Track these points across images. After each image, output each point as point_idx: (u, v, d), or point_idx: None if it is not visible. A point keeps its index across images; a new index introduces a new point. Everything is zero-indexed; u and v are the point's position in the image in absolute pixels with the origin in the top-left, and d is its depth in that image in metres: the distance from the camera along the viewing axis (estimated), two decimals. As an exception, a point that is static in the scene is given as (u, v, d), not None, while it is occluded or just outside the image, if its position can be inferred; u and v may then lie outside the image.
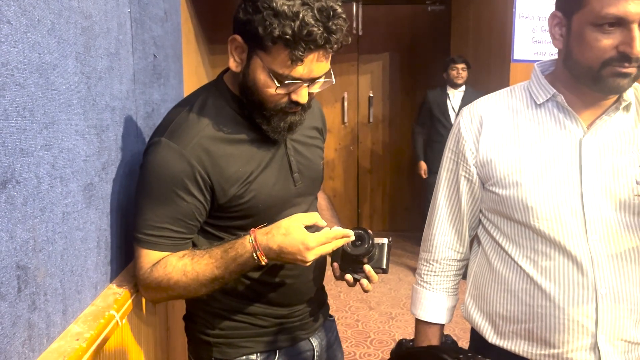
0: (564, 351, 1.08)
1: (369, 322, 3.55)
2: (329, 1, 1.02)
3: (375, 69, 5.55)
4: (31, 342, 0.83)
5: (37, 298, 0.85)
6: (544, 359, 1.11)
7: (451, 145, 1.22)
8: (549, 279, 1.08)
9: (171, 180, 1.09)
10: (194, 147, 1.09)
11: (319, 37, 1.00)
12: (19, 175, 0.79)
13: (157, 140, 1.11)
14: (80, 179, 1.02)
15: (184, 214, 1.11)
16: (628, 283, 1.06)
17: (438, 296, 1.26)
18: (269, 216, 1.18)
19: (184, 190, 1.09)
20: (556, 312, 1.07)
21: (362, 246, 1.17)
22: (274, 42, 1.01)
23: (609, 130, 1.09)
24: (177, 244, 1.13)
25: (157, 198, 1.10)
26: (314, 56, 1.03)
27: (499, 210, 1.15)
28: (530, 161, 1.10)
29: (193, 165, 1.09)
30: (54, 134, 0.91)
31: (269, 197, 1.18)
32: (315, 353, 1.35)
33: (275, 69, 1.04)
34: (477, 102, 1.21)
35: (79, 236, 1.02)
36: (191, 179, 1.09)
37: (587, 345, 1.07)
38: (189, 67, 3.57)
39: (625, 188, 1.06)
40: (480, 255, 1.23)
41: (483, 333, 1.19)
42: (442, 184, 1.24)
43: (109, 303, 1.09)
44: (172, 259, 1.11)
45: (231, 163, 1.13)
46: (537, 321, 1.10)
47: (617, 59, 0.98)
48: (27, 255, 0.82)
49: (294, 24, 0.98)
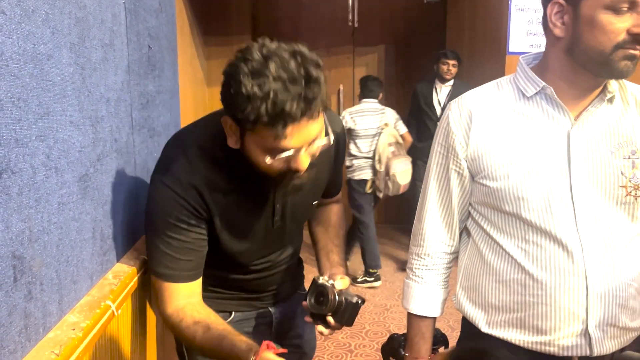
0: (555, 338, 1.10)
1: (364, 314, 3.57)
2: (302, 67, 0.98)
3: (371, 61, 5.55)
4: (27, 331, 0.84)
5: (33, 288, 0.85)
6: (536, 346, 1.12)
7: (440, 139, 1.23)
8: (540, 267, 1.09)
9: (173, 218, 1.14)
10: (191, 191, 1.14)
11: (294, 110, 0.96)
12: (14, 166, 0.79)
13: (157, 183, 1.15)
14: (76, 170, 1.02)
15: (189, 247, 1.17)
16: (617, 270, 1.08)
17: (430, 290, 1.27)
18: (239, 254, 1.27)
19: (186, 223, 1.15)
20: (548, 300, 1.09)
21: (324, 303, 1.22)
22: (254, 124, 0.98)
23: (596, 121, 1.11)
24: (192, 273, 1.20)
25: (162, 235, 1.16)
26: (298, 126, 0.99)
27: (489, 202, 1.16)
28: (520, 153, 1.11)
29: (194, 205, 1.15)
30: (49, 125, 0.91)
31: (245, 242, 1.26)
32: (273, 320, 1.43)
33: (264, 145, 1.03)
34: (465, 96, 1.21)
35: (75, 227, 1.02)
36: (194, 215, 1.16)
37: (578, 332, 1.09)
38: (183, 58, 3.56)
39: (611, 178, 1.09)
40: (471, 246, 1.24)
41: (475, 323, 1.20)
42: (432, 178, 1.25)
43: (104, 293, 1.09)
44: (186, 318, 1.17)
45: (219, 212, 1.18)
46: (529, 309, 1.11)
47: (629, 41, 1.00)
48: (23, 245, 0.82)
49: (266, 104, 0.95)
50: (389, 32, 5.45)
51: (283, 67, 0.96)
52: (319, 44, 5.45)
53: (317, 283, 1.24)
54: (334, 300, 1.21)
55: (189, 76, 4.05)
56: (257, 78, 0.95)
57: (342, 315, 1.21)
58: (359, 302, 1.22)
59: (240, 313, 1.38)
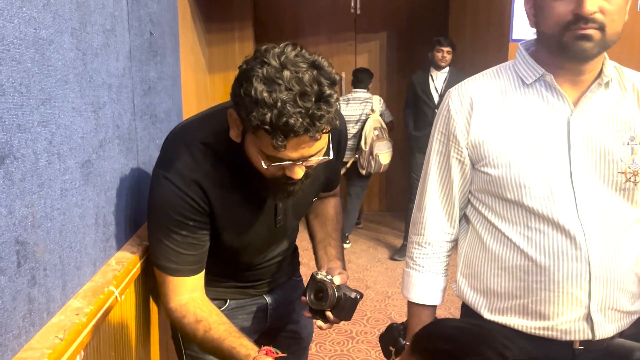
0: (558, 322, 1.11)
1: (366, 301, 3.59)
2: (316, 82, 0.96)
3: (373, 48, 5.52)
4: (31, 316, 0.84)
5: (37, 273, 0.86)
6: (538, 332, 1.13)
7: (440, 127, 1.22)
8: (542, 253, 1.10)
9: (176, 214, 1.14)
10: (193, 187, 1.14)
11: (298, 126, 0.94)
12: (16, 151, 0.79)
13: (160, 178, 1.15)
14: (78, 156, 1.02)
15: (192, 241, 1.18)
16: (618, 255, 1.09)
17: (431, 278, 1.27)
18: (240, 249, 1.29)
19: (188, 219, 1.16)
20: (551, 285, 1.10)
21: (324, 299, 1.23)
22: (256, 129, 0.98)
23: (595, 108, 1.11)
24: (195, 267, 1.21)
25: (165, 230, 1.16)
26: (298, 140, 0.98)
27: (490, 190, 1.16)
28: (520, 141, 1.12)
29: (197, 201, 1.15)
30: (51, 110, 0.91)
31: (246, 242, 1.27)
32: (269, 306, 1.44)
33: (263, 150, 1.03)
34: (465, 84, 1.21)
35: (77, 213, 1.02)
36: (198, 210, 1.16)
37: (580, 317, 1.10)
38: (185, 45, 3.54)
39: (611, 165, 1.09)
40: (471, 234, 1.24)
41: (477, 309, 1.21)
42: (432, 167, 1.25)
43: (108, 279, 1.10)
44: (189, 315, 1.18)
45: (221, 207, 1.18)
46: (531, 296, 1.12)
47: (573, 21, 1.03)
48: (26, 231, 0.82)
49: (272, 112, 0.93)
50: (391, 20, 5.41)
51: (297, 78, 0.95)
52: (321, 31, 5.42)
53: (315, 279, 1.25)
54: (333, 296, 1.22)
55: (191, 63, 4.03)
56: (269, 85, 0.95)
57: (340, 310, 1.23)
58: (357, 297, 1.24)
59: (235, 301, 1.39)
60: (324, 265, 1.37)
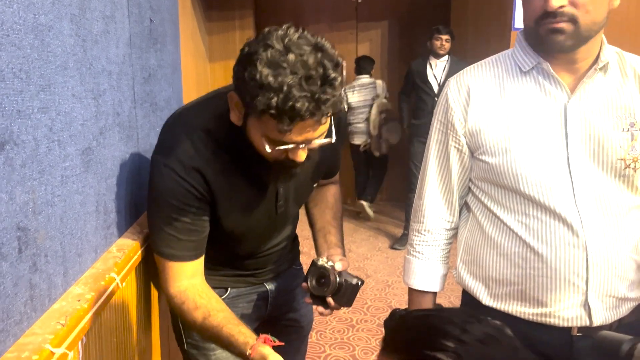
0: (555, 309, 1.11)
1: (366, 290, 3.60)
2: (320, 65, 0.95)
3: (374, 37, 5.49)
4: (33, 302, 0.84)
5: (38, 259, 0.86)
6: (536, 318, 1.14)
7: (439, 116, 1.24)
8: (541, 241, 1.10)
9: (176, 200, 1.14)
10: (193, 174, 1.14)
11: (304, 110, 0.94)
12: (16, 137, 0.79)
13: (162, 168, 1.15)
14: (78, 143, 1.02)
15: (191, 227, 1.18)
16: (616, 242, 1.10)
17: (430, 265, 1.29)
18: (242, 236, 1.29)
19: (188, 206, 1.15)
20: (549, 272, 1.10)
21: (326, 285, 1.24)
22: (260, 113, 0.97)
23: (593, 94, 1.11)
24: (194, 253, 1.21)
25: (170, 217, 1.16)
26: (303, 124, 0.98)
27: (489, 178, 1.17)
28: (518, 129, 1.12)
29: (196, 187, 1.14)
30: (51, 97, 0.90)
31: (248, 229, 1.27)
32: (269, 295, 1.44)
33: (267, 133, 1.03)
34: (463, 72, 1.22)
35: (78, 200, 1.02)
36: (196, 196, 1.16)
37: (578, 303, 1.10)
38: (185, 33, 3.52)
39: (610, 151, 1.09)
40: (471, 221, 1.24)
41: (477, 296, 1.22)
42: (431, 155, 1.26)
43: (109, 266, 1.10)
44: (188, 302, 1.19)
45: (222, 194, 1.18)
46: (529, 282, 1.13)
47: (544, 16, 1.05)
48: (27, 217, 0.82)
49: (277, 97, 0.93)
50: (392, 8, 5.38)
51: (302, 61, 0.94)
52: (322, 19, 5.39)
53: (317, 265, 1.25)
54: (335, 282, 1.22)
55: (191, 51, 4.02)
56: (274, 68, 0.94)
57: (342, 296, 1.23)
58: (358, 283, 1.24)
59: (235, 289, 1.39)
60: (324, 252, 1.38)
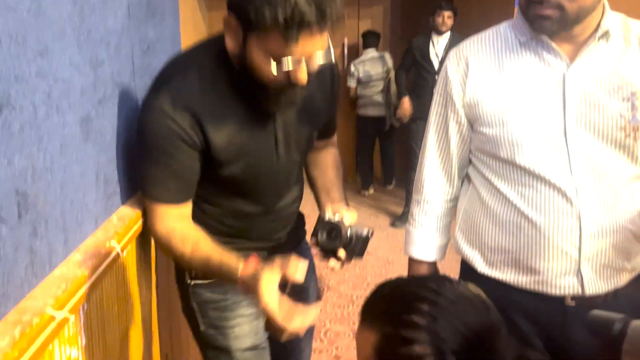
0: (548, 277, 1.12)
1: (367, 267, 3.62)
2: None
3: (376, 13, 5.43)
4: (34, 267, 0.85)
5: (38, 225, 0.86)
6: (530, 286, 1.15)
7: (439, 89, 1.25)
8: (535, 209, 1.11)
9: (166, 142, 1.13)
10: (185, 114, 1.12)
11: (312, 18, 0.98)
12: (14, 102, 0.79)
13: (151, 103, 1.14)
14: (77, 112, 1.02)
15: (181, 170, 1.17)
16: (612, 212, 1.09)
17: (429, 235, 1.31)
18: (245, 185, 1.26)
19: (178, 150, 1.14)
20: (542, 240, 1.11)
21: (337, 238, 1.20)
22: (267, 26, 0.99)
23: (594, 63, 1.10)
24: (181, 196, 1.20)
25: (154, 157, 1.16)
26: (308, 34, 1.01)
27: (486, 149, 1.18)
28: (515, 100, 1.12)
29: (185, 129, 1.13)
30: (48, 63, 0.90)
31: (248, 170, 1.23)
32: None
33: (270, 50, 1.03)
34: (462, 44, 1.23)
35: (78, 169, 1.02)
36: (184, 140, 1.14)
37: (570, 271, 1.11)
38: (184, 9, 3.48)
39: (609, 121, 1.08)
40: (471, 192, 1.25)
41: (473, 264, 1.23)
42: (431, 127, 1.28)
43: (109, 235, 1.11)
44: (176, 238, 1.19)
45: (218, 133, 1.16)
46: (523, 250, 1.14)
47: (534, 1, 1.05)
48: (26, 183, 0.82)
49: (285, 7, 0.96)
50: (395, -16, 5.31)
51: None
52: (324, -4, 5.32)
53: (325, 219, 1.21)
54: (346, 235, 1.20)
55: (190, 26, 3.98)
56: None
57: (353, 248, 1.20)
58: (369, 234, 1.22)
59: None
60: (327, 208, 1.34)
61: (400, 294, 0.78)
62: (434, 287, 0.76)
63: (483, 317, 0.74)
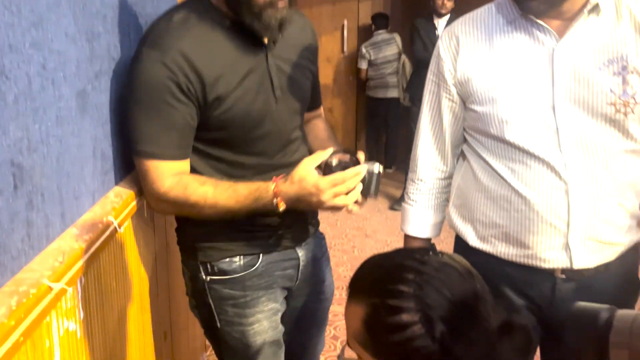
0: (537, 251, 1.14)
1: (365, 249, 3.64)
2: None
3: (377, -5, 5.38)
4: (30, 239, 0.85)
5: (35, 198, 0.86)
6: (520, 259, 1.17)
7: (433, 67, 1.26)
8: (525, 184, 1.12)
9: (157, 90, 1.11)
10: (174, 54, 1.11)
11: None
12: (8, 72, 0.78)
13: (139, 52, 1.13)
14: (73, 84, 1.01)
15: (176, 122, 1.14)
16: (602, 186, 1.10)
17: (423, 212, 1.33)
18: (247, 130, 1.22)
19: (171, 97, 1.12)
20: (531, 214, 1.12)
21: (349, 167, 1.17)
22: None
23: (583, 37, 1.09)
24: (178, 152, 1.17)
25: (148, 109, 1.13)
26: None
27: (477, 127, 1.19)
28: (505, 77, 1.13)
29: (174, 73, 1.11)
30: (43, 34, 0.89)
31: (247, 110, 1.20)
32: (300, 262, 1.38)
33: None
34: (454, 23, 1.24)
35: (74, 143, 1.02)
36: (176, 85, 1.11)
37: (559, 245, 1.12)
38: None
39: (599, 96, 1.08)
40: (465, 168, 1.27)
41: (465, 238, 1.25)
42: (425, 106, 1.30)
43: (107, 210, 1.10)
44: (193, 182, 1.15)
45: (211, 71, 1.14)
46: (513, 224, 1.15)
47: None
48: (22, 154, 0.82)
49: None
50: (395, -35, 5.25)
51: None
52: (323, -24, 5.27)
53: (332, 165, 1.17)
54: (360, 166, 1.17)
55: (189, 8, 3.93)
56: None
57: (367, 187, 1.18)
58: (380, 170, 1.20)
59: (268, 255, 1.31)
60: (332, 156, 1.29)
61: (386, 265, 0.79)
62: (418, 257, 0.77)
63: (468, 284, 0.75)
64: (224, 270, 1.28)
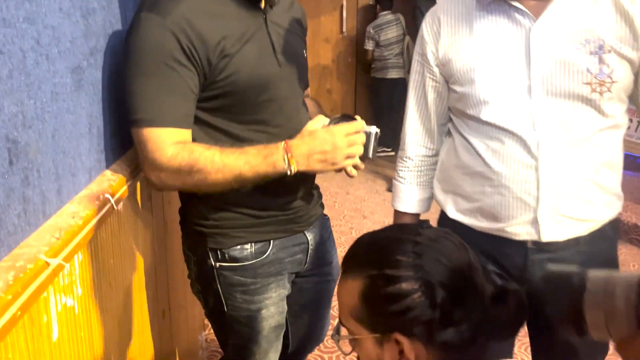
0: (508, 225, 1.19)
1: (363, 230, 3.64)
2: None
3: (376, -25, 5.32)
4: (27, 215, 0.85)
5: (30, 174, 0.85)
6: (492, 232, 1.22)
7: (418, 48, 1.31)
8: (498, 160, 1.16)
9: (158, 53, 1.08)
10: (175, 17, 1.08)
11: None
12: (2, 46, 0.77)
13: (137, 18, 1.10)
14: (68, 60, 1.00)
15: (178, 86, 1.10)
16: (574, 164, 1.13)
17: (411, 189, 1.38)
18: (252, 95, 1.19)
19: (173, 60, 1.09)
20: (502, 190, 1.17)
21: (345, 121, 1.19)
22: None
23: (559, 17, 1.11)
24: (180, 119, 1.12)
25: (148, 74, 1.09)
26: None
27: (457, 107, 1.23)
28: (483, 58, 1.16)
29: (176, 35, 1.08)
30: (37, 8, 0.87)
31: (251, 74, 1.18)
32: (309, 246, 1.37)
33: None
34: (438, 4, 1.26)
35: (70, 119, 1.01)
36: (177, 48, 1.09)
37: (527, 220, 1.17)
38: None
39: (575, 76, 1.10)
40: (449, 145, 1.31)
41: (445, 209, 1.31)
42: (411, 86, 1.34)
43: (103, 188, 1.10)
44: (198, 147, 1.11)
45: (213, 34, 1.12)
46: (487, 199, 1.20)
47: None
48: (17, 129, 0.81)
49: None
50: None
51: None
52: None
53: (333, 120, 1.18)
54: None
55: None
56: None
57: (366, 149, 1.19)
58: (377, 132, 1.22)
59: (278, 241, 1.30)
60: None
61: (382, 239, 0.80)
62: (413, 230, 0.78)
63: (463, 254, 0.77)
64: (235, 257, 1.26)
